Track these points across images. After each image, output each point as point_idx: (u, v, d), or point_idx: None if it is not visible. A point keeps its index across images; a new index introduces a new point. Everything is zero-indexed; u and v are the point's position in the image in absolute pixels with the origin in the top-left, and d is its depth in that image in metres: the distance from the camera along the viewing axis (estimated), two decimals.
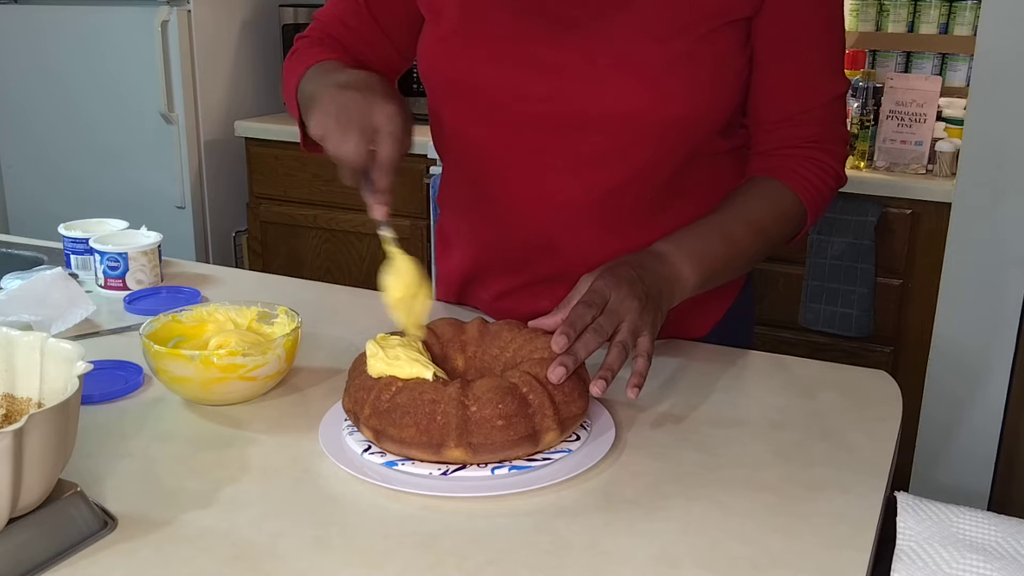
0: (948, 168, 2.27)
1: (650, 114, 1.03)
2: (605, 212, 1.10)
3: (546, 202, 1.10)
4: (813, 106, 1.10)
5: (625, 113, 1.03)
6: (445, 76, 1.10)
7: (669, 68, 1.02)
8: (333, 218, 2.86)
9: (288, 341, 0.98)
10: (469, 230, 1.22)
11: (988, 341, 2.17)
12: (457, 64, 1.08)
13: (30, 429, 0.66)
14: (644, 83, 1.02)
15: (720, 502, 0.82)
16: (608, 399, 0.99)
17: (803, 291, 2.35)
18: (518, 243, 1.15)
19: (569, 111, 1.04)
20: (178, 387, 0.97)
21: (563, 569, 0.72)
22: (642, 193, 1.10)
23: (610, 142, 1.05)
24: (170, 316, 1.04)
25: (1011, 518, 0.78)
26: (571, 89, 1.04)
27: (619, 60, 1.03)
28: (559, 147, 1.07)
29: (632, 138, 1.05)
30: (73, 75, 2.96)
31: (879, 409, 1.00)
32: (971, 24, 2.47)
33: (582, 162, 1.07)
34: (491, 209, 1.15)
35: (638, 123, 1.04)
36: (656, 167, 1.08)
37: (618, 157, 1.06)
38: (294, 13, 2.94)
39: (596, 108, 1.04)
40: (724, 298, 1.22)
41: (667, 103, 1.03)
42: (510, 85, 1.06)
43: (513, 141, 1.08)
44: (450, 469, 0.83)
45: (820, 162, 1.11)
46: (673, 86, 1.03)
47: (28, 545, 0.70)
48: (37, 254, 1.49)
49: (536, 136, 1.07)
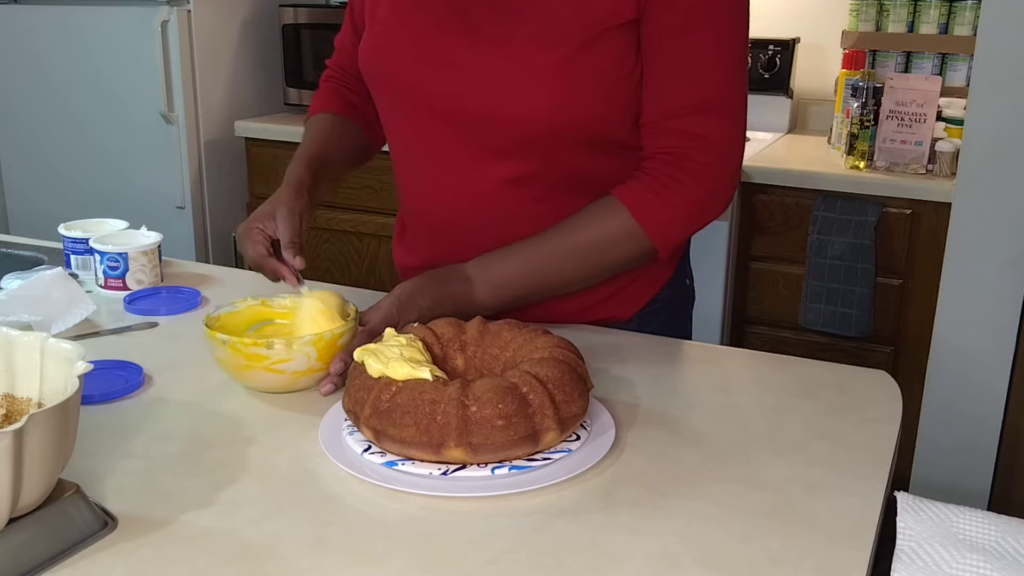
0: (948, 168, 2.27)
1: (539, 115, 1.08)
2: (519, 202, 1.15)
3: (456, 192, 1.17)
4: (674, 113, 1.07)
5: (517, 114, 1.09)
6: (371, 71, 1.21)
7: (554, 74, 1.07)
8: (333, 218, 2.86)
9: (319, 341, 0.98)
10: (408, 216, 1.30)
11: (988, 341, 2.17)
12: (380, 59, 1.18)
13: (30, 429, 0.66)
14: (532, 87, 1.08)
15: (720, 502, 0.82)
16: (608, 399, 0.99)
17: (803, 291, 2.35)
18: (434, 230, 1.22)
19: (470, 108, 1.11)
20: (221, 366, 1.01)
21: (563, 569, 0.72)
22: (547, 184, 1.14)
23: (509, 138, 1.11)
24: (260, 300, 1.11)
25: (1011, 518, 0.78)
26: (471, 88, 1.10)
27: (511, 64, 1.08)
28: (465, 140, 1.13)
29: (528, 135, 1.10)
30: (73, 75, 2.96)
31: (879, 409, 1.00)
32: (971, 24, 2.47)
33: (486, 155, 1.13)
34: (413, 198, 1.24)
35: (530, 123, 1.09)
36: (558, 162, 1.13)
37: (518, 152, 1.12)
38: (294, 13, 2.94)
39: (492, 107, 1.10)
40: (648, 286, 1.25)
41: (553, 106, 1.08)
42: (421, 81, 1.13)
43: (426, 133, 1.16)
44: (450, 469, 0.83)
45: (668, 177, 1.08)
46: (557, 90, 1.07)
47: (28, 545, 0.70)
48: (37, 254, 1.49)
49: (444, 129, 1.14)
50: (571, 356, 0.91)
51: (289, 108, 3.05)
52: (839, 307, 2.31)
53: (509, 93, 1.08)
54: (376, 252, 2.84)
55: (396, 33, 1.16)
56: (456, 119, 1.12)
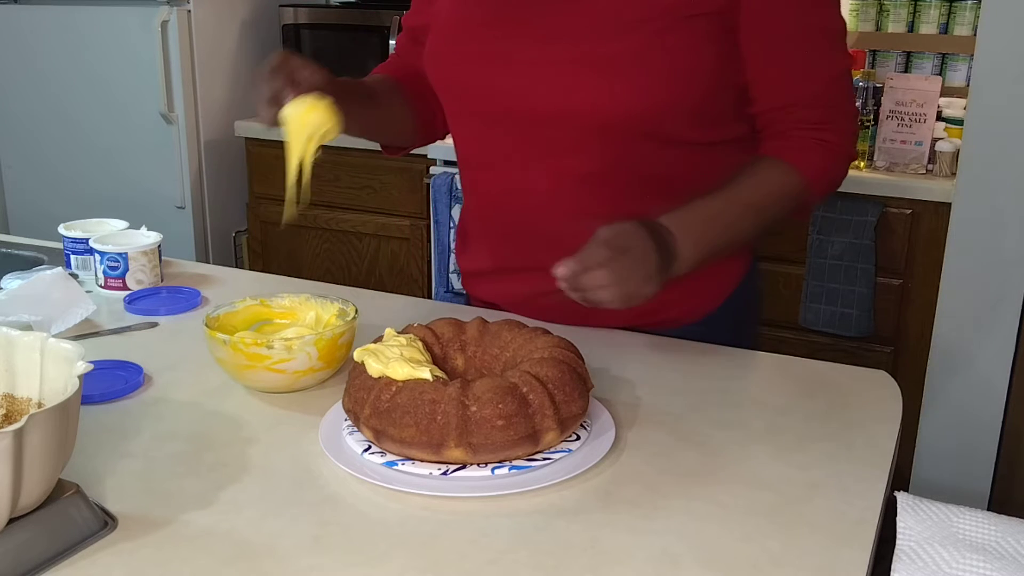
0: (948, 168, 2.26)
1: (605, 109, 1.06)
2: (577, 201, 1.13)
3: (521, 192, 1.15)
4: (814, 89, 1.11)
5: (581, 108, 1.07)
6: (435, 76, 1.19)
7: (620, 65, 1.05)
8: (333, 218, 2.86)
9: (319, 341, 0.98)
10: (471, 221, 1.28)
11: (988, 341, 2.17)
12: (442, 64, 1.17)
13: (30, 429, 0.66)
14: (595, 80, 1.06)
15: (720, 502, 0.82)
16: (608, 399, 0.99)
17: (803, 291, 2.35)
18: (503, 233, 1.20)
19: (531, 106, 1.09)
20: (222, 366, 1.01)
21: (563, 569, 0.72)
22: (613, 182, 1.12)
23: (573, 135, 1.09)
24: (259, 300, 1.10)
25: (1011, 518, 0.78)
26: (531, 85, 1.09)
27: (572, 57, 1.06)
28: (528, 139, 1.12)
29: (593, 131, 1.08)
30: (73, 75, 2.96)
31: (879, 409, 1.00)
32: (971, 24, 2.47)
33: (550, 153, 1.11)
34: (478, 199, 1.22)
35: (595, 117, 1.07)
36: (623, 158, 1.11)
37: (582, 149, 1.10)
38: (294, 13, 2.94)
39: (555, 103, 1.08)
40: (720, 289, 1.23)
41: (619, 99, 1.06)
42: (480, 82, 1.12)
43: (489, 134, 1.15)
44: (450, 469, 0.83)
45: (826, 143, 1.13)
46: (623, 82, 1.05)
47: (28, 545, 0.70)
48: (37, 254, 1.49)
49: (507, 129, 1.12)
50: (571, 356, 0.91)
51: None
52: (839, 307, 2.31)
53: (572, 88, 1.06)
54: (376, 252, 2.84)
55: (454, 34, 1.15)
56: (520, 117, 1.11)
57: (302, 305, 1.10)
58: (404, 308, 1.29)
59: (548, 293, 1.09)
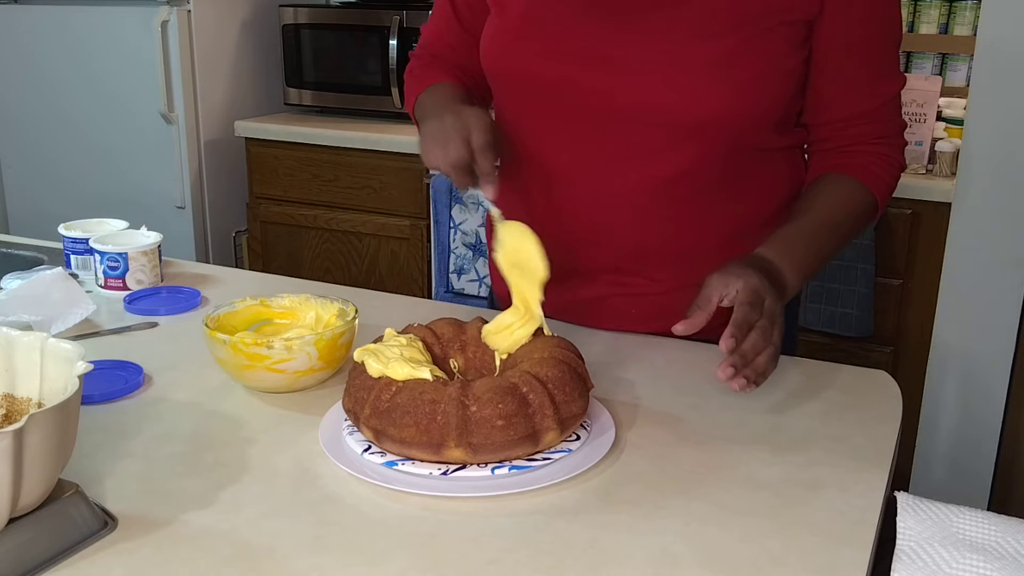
0: (948, 168, 2.26)
1: (695, 110, 1.05)
2: (658, 204, 1.11)
3: (600, 193, 1.12)
4: (877, 105, 1.13)
5: (672, 108, 1.05)
6: (501, 68, 1.15)
7: (714, 66, 1.04)
8: (333, 218, 2.86)
9: (320, 341, 0.98)
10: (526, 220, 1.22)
11: (988, 341, 2.17)
12: (513, 56, 1.12)
13: (30, 429, 0.66)
14: (689, 80, 1.04)
15: (720, 502, 0.82)
16: (608, 399, 0.99)
17: (803, 291, 2.35)
18: (572, 233, 1.16)
19: (619, 105, 1.07)
20: (222, 366, 1.01)
21: (563, 569, 0.72)
22: (695, 186, 1.11)
23: (660, 136, 1.07)
24: (259, 300, 1.10)
25: (1011, 518, 0.78)
26: (620, 83, 1.06)
27: (666, 56, 1.05)
28: (611, 139, 1.09)
29: (681, 132, 1.07)
30: (73, 75, 2.96)
31: (879, 409, 1.00)
32: (971, 24, 2.47)
33: (634, 154, 1.09)
34: (546, 199, 1.17)
35: (685, 118, 1.06)
36: (707, 161, 1.09)
37: (669, 150, 1.08)
38: (294, 13, 2.94)
39: (644, 102, 1.06)
40: None
41: (710, 100, 1.04)
42: (562, 78, 1.08)
43: (567, 132, 1.11)
44: (450, 469, 0.83)
45: (887, 157, 1.14)
46: (716, 84, 1.04)
47: (28, 545, 0.70)
48: (37, 254, 1.49)
49: (589, 128, 1.09)
50: (571, 356, 0.91)
51: (289, 108, 3.05)
52: (839, 307, 2.31)
53: (668, 88, 1.04)
54: (376, 252, 2.84)
55: (532, 28, 1.11)
56: (603, 117, 1.08)
57: (302, 305, 1.10)
58: (404, 308, 1.29)
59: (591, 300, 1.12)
